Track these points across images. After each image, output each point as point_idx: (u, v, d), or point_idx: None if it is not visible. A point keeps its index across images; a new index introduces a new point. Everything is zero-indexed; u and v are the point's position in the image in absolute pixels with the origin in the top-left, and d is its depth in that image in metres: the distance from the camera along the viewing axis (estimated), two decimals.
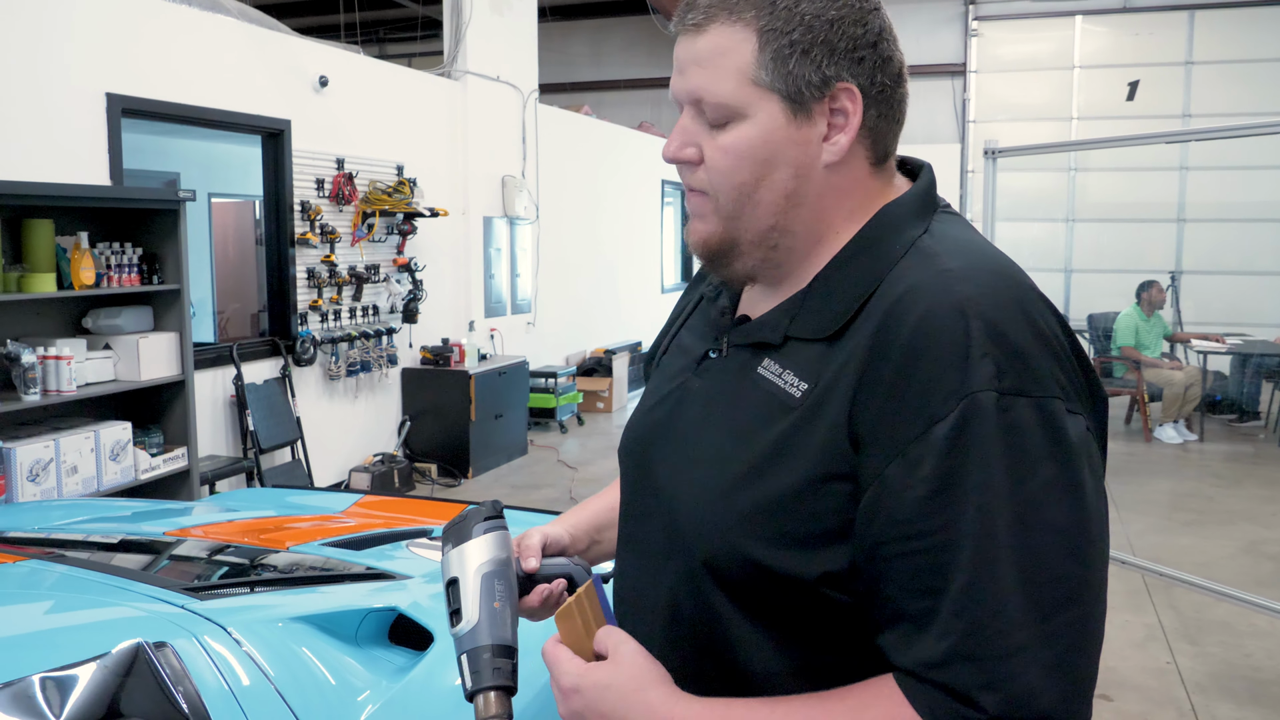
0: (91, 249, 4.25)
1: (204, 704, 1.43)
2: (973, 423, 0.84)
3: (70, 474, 4.06)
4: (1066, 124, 12.66)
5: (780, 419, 0.95)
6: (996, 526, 0.83)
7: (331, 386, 6.44)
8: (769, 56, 0.94)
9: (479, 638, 1.04)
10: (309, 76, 6.11)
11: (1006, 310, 0.88)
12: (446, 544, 1.11)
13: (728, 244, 1.01)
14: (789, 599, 0.94)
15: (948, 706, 0.84)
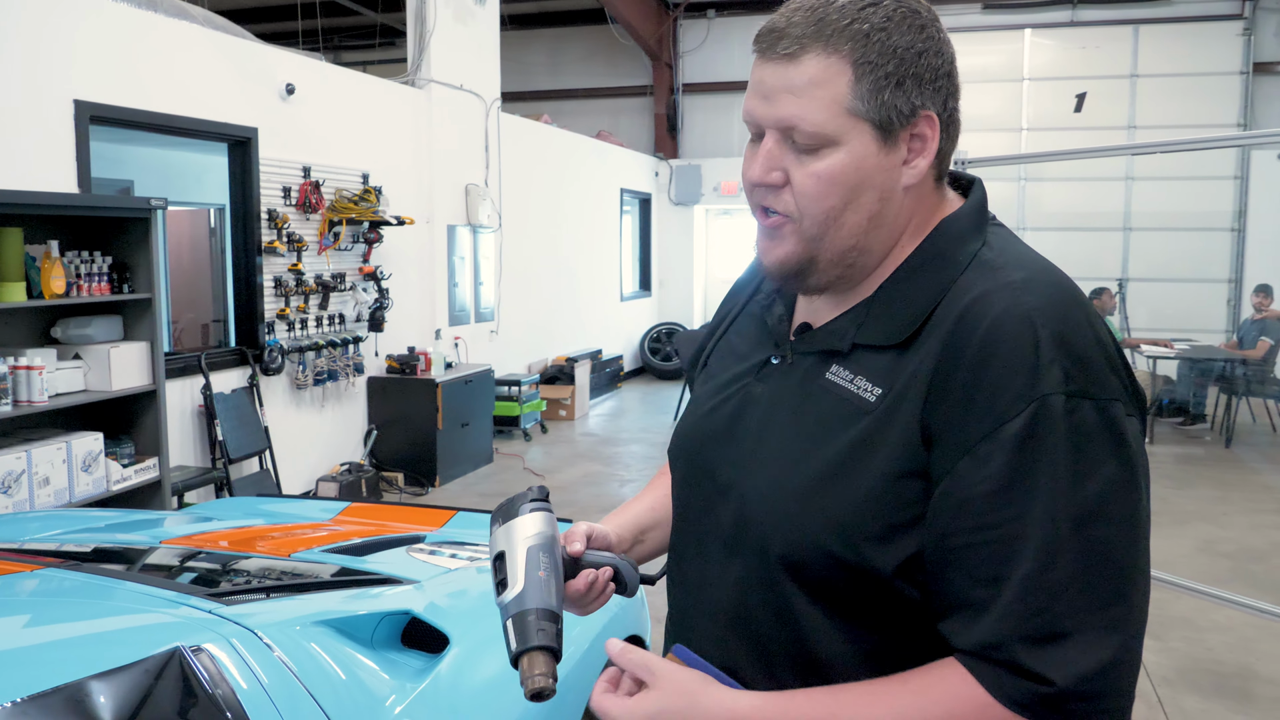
0: (61, 258, 4.21)
1: (241, 704, 1.45)
2: (1042, 423, 0.90)
3: (42, 485, 4.01)
4: (1016, 134, 12.92)
5: (855, 422, 0.99)
6: (1060, 520, 0.89)
7: (299, 396, 6.40)
8: (866, 88, 0.98)
9: (525, 602, 1.07)
10: (276, 84, 6.08)
11: (1069, 320, 0.95)
12: (495, 522, 1.15)
13: (806, 263, 1.04)
14: (862, 592, 0.98)
15: (1014, 682, 0.90)
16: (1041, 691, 0.89)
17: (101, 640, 1.50)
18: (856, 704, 0.95)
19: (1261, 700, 3.83)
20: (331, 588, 2.00)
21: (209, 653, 1.48)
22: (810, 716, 0.96)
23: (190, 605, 1.64)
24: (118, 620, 1.59)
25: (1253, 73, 12.12)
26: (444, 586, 2.14)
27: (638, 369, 12.89)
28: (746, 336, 1.19)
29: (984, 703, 0.91)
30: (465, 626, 1.97)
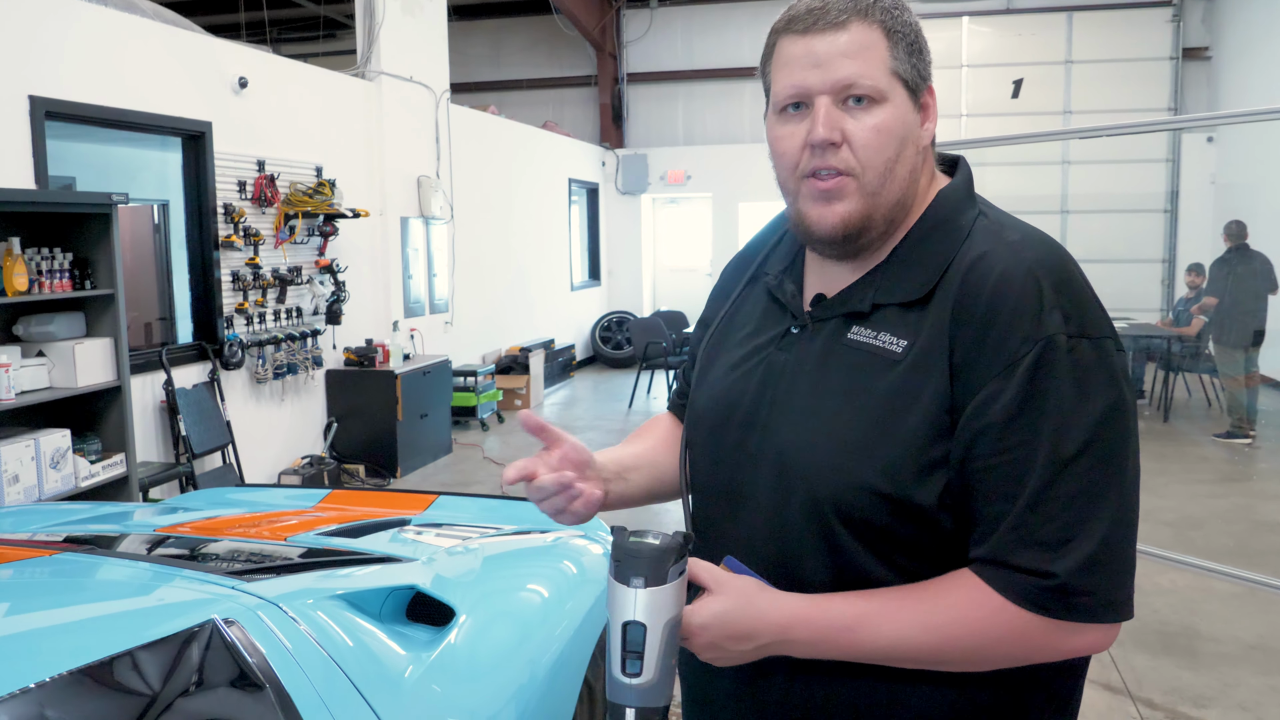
0: (22, 254, 4.18)
1: (275, 672, 1.52)
2: (1048, 360, 1.04)
3: (12, 483, 4.00)
4: (956, 121, 13.17)
5: (887, 372, 1.11)
6: (1066, 443, 1.03)
7: (259, 390, 6.40)
8: (901, 52, 1.13)
9: (654, 697, 1.05)
10: (228, 78, 6.05)
11: (1063, 272, 1.09)
12: (633, 575, 1.05)
13: (865, 219, 1.14)
14: (906, 527, 1.10)
15: (1022, 581, 1.03)
16: (1045, 585, 1.02)
17: (141, 615, 1.56)
18: (886, 606, 1.08)
19: (1206, 656, 4.03)
20: (336, 566, 2.07)
21: (240, 625, 1.54)
22: (846, 614, 1.08)
23: (214, 583, 1.70)
24: (151, 598, 1.65)
25: (1182, 58, 12.51)
26: (444, 563, 2.22)
27: (589, 358, 12.97)
28: (753, 315, 1.30)
29: (998, 605, 1.04)
30: (469, 600, 2.05)
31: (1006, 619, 1.04)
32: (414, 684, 1.76)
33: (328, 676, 1.60)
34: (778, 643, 1.10)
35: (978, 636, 1.06)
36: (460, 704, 1.76)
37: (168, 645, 1.41)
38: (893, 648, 1.08)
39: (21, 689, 1.25)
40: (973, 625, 1.05)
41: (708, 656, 1.11)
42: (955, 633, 1.06)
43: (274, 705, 1.49)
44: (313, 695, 1.54)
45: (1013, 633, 1.05)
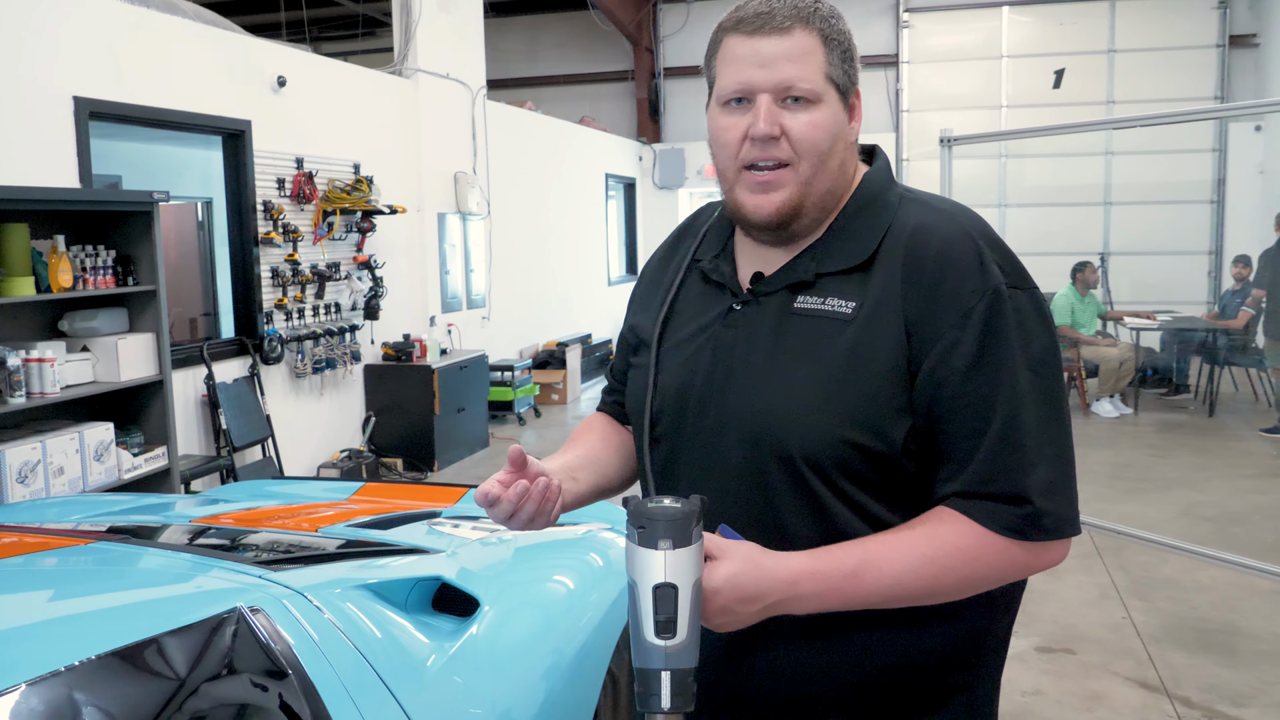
0: (66, 252, 4.27)
1: (298, 659, 1.55)
2: (996, 308, 1.18)
3: (57, 475, 4.09)
4: (996, 112, 13.05)
5: (841, 332, 1.21)
6: (1019, 382, 1.17)
7: (298, 384, 6.48)
8: (835, 59, 1.25)
9: (687, 659, 1.07)
10: (267, 77, 6.13)
11: (991, 233, 1.25)
12: (660, 538, 1.07)
13: (799, 205, 1.25)
14: (875, 471, 1.20)
15: (1000, 509, 1.16)
16: (1022, 512, 1.15)
17: (168, 603, 1.60)
18: (883, 549, 1.17)
19: (1245, 654, 3.97)
20: (364, 556, 2.10)
21: (265, 613, 1.58)
22: (847, 561, 1.16)
23: (241, 571, 1.74)
24: (179, 587, 1.69)
25: (1229, 45, 12.28)
26: (470, 555, 2.25)
27: None
28: (691, 302, 1.38)
29: (981, 534, 1.16)
30: (494, 591, 2.08)
31: (990, 545, 1.16)
32: (436, 674, 1.79)
33: (352, 665, 1.63)
34: (786, 600, 1.15)
35: (969, 565, 1.16)
36: (482, 694, 1.79)
37: (193, 632, 1.44)
38: (896, 585, 1.16)
39: (52, 671, 1.29)
40: (964, 555, 1.16)
41: (718, 622, 1.15)
42: (950, 563, 1.16)
43: (298, 692, 1.52)
44: (336, 683, 1.58)
45: (997, 557, 1.17)
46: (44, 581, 1.75)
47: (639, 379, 1.39)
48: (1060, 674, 3.85)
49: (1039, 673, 3.86)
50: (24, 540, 2.00)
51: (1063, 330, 9.12)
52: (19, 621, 1.52)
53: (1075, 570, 4.98)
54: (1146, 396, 9.43)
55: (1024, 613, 4.43)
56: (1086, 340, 9.08)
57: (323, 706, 1.53)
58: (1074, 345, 9.03)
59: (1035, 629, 4.27)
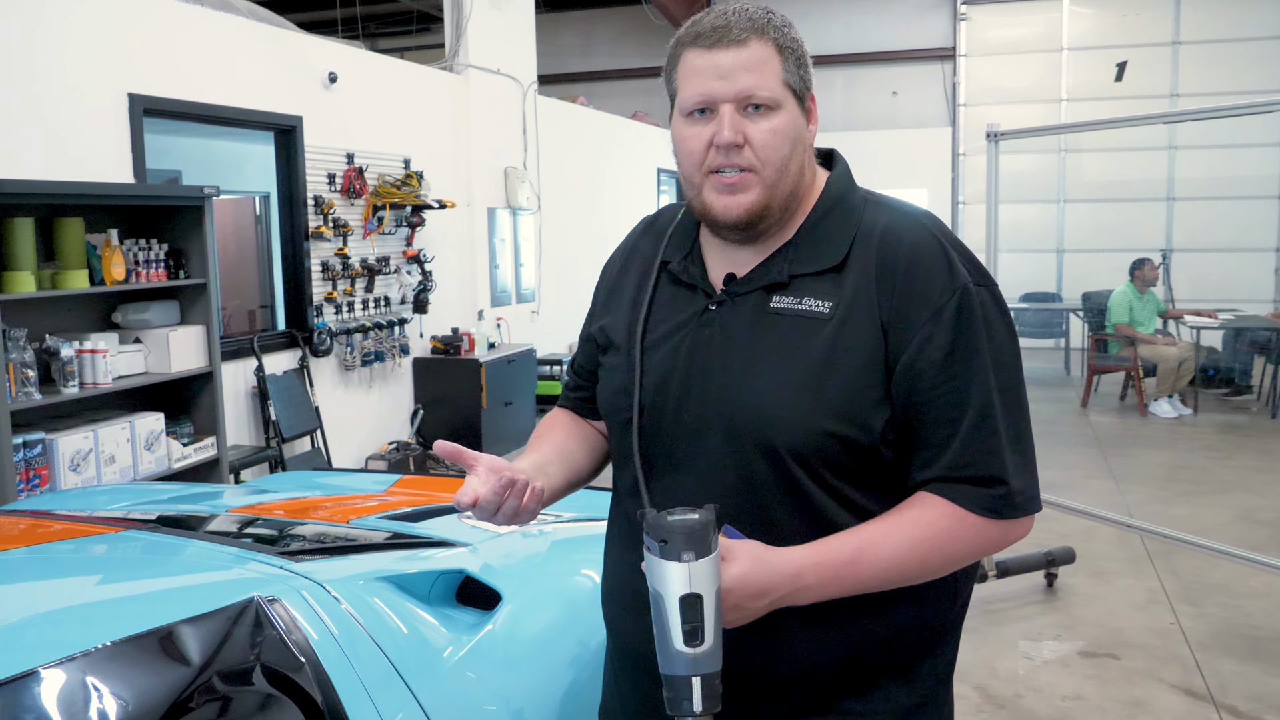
0: (120, 245, 4.37)
1: (314, 650, 1.57)
2: (966, 305, 1.27)
3: (108, 464, 4.19)
4: (1055, 106, 12.82)
5: (818, 330, 1.28)
6: (988, 373, 1.27)
7: (347, 376, 6.57)
8: (790, 66, 1.31)
9: (713, 663, 1.13)
10: (319, 73, 6.22)
11: (952, 234, 1.34)
12: (683, 551, 1.12)
13: (764, 208, 1.31)
14: (855, 461, 1.28)
15: (979, 492, 1.26)
16: (999, 493, 1.26)
17: (185, 591, 1.63)
18: (874, 535, 1.26)
19: None
20: (389, 549, 2.13)
21: (283, 603, 1.60)
22: (845, 550, 1.24)
23: (261, 561, 1.76)
24: (197, 575, 1.72)
25: None
26: (495, 549, 2.26)
27: None
28: (662, 302, 1.43)
29: (962, 515, 1.26)
30: (516, 585, 2.09)
31: (971, 525, 1.26)
32: (451, 668, 1.80)
33: (368, 657, 1.65)
34: (792, 592, 1.22)
35: (954, 543, 1.27)
36: (496, 689, 1.80)
37: (207, 620, 1.47)
38: (891, 568, 1.25)
39: (67, 656, 1.32)
40: (948, 535, 1.26)
41: (731, 619, 1.20)
42: (937, 543, 1.26)
43: (312, 683, 1.54)
44: (351, 675, 1.60)
45: (977, 535, 1.27)
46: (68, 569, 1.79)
47: (615, 379, 1.43)
48: (1103, 679, 3.78)
49: (1081, 678, 3.80)
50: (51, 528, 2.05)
51: (1120, 328, 8.95)
52: (37, 608, 1.56)
53: (1124, 574, 4.89)
54: (1206, 397, 9.21)
55: (1068, 616, 4.38)
56: (1145, 339, 8.89)
57: (336, 698, 1.55)
58: (1131, 344, 8.84)
59: (1080, 633, 4.20)
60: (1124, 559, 5.10)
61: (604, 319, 1.52)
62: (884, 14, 13.57)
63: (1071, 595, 4.63)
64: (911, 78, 13.64)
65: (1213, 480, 6.67)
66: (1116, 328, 8.99)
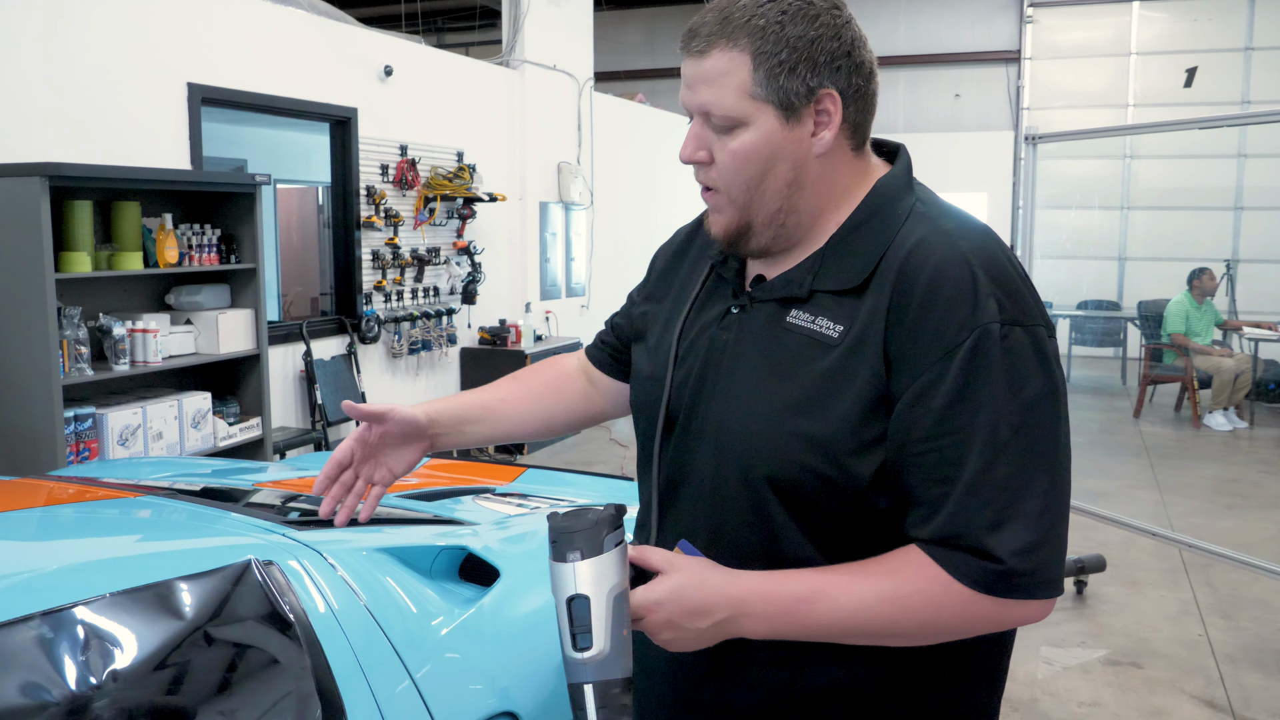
0: (174, 230, 4.53)
1: (306, 614, 1.65)
2: (983, 347, 1.07)
3: (156, 440, 4.35)
4: (1122, 111, 12.60)
5: (822, 356, 1.15)
6: (1001, 429, 1.07)
7: (394, 364, 6.72)
8: (763, 75, 1.13)
9: (609, 669, 1.05)
10: (374, 66, 6.36)
11: (996, 261, 1.13)
12: (569, 550, 1.06)
13: (744, 227, 1.21)
14: (837, 502, 1.14)
15: (970, 563, 1.08)
16: (992, 569, 1.07)
17: (185, 553, 1.72)
18: (841, 580, 1.12)
19: None
20: (397, 524, 2.21)
21: (278, 566, 1.69)
22: (802, 587, 1.12)
23: (265, 529, 1.86)
24: (200, 540, 1.82)
25: None
26: (501, 529, 2.33)
27: None
28: (704, 294, 1.34)
29: (946, 582, 1.09)
30: (516, 565, 2.15)
31: (955, 595, 1.09)
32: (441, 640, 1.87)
33: (359, 622, 1.73)
34: (734, 617, 1.12)
35: (931, 610, 1.10)
36: (484, 664, 1.86)
37: (201, 579, 1.56)
38: (850, 618, 1.11)
39: (66, 604, 1.41)
40: (925, 599, 1.09)
41: (665, 638, 1.13)
42: (911, 605, 1.10)
43: (301, 645, 1.62)
44: (341, 639, 1.67)
45: (962, 608, 1.09)
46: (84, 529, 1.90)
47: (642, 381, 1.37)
48: (1123, 687, 3.75)
49: (1101, 685, 3.78)
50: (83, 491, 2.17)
51: (1175, 338, 8.79)
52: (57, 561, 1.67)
53: (1158, 584, 4.83)
54: (1263, 410, 9.02)
55: (1095, 624, 4.35)
56: (1201, 349, 8.72)
57: (324, 659, 1.63)
58: (1187, 354, 8.68)
59: (1104, 640, 4.17)
60: (1160, 570, 5.03)
61: (649, 305, 1.43)
62: (949, 15, 13.45)
63: (1101, 603, 4.59)
64: (975, 80, 13.50)
65: (1262, 495, 6.54)
66: (1172, 337, 8.84)
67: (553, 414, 1.55)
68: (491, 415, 1.50)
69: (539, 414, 1.54)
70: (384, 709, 1.67)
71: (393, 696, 1.69)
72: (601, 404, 1.56)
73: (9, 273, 3.89)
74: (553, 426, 1.56)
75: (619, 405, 1.54)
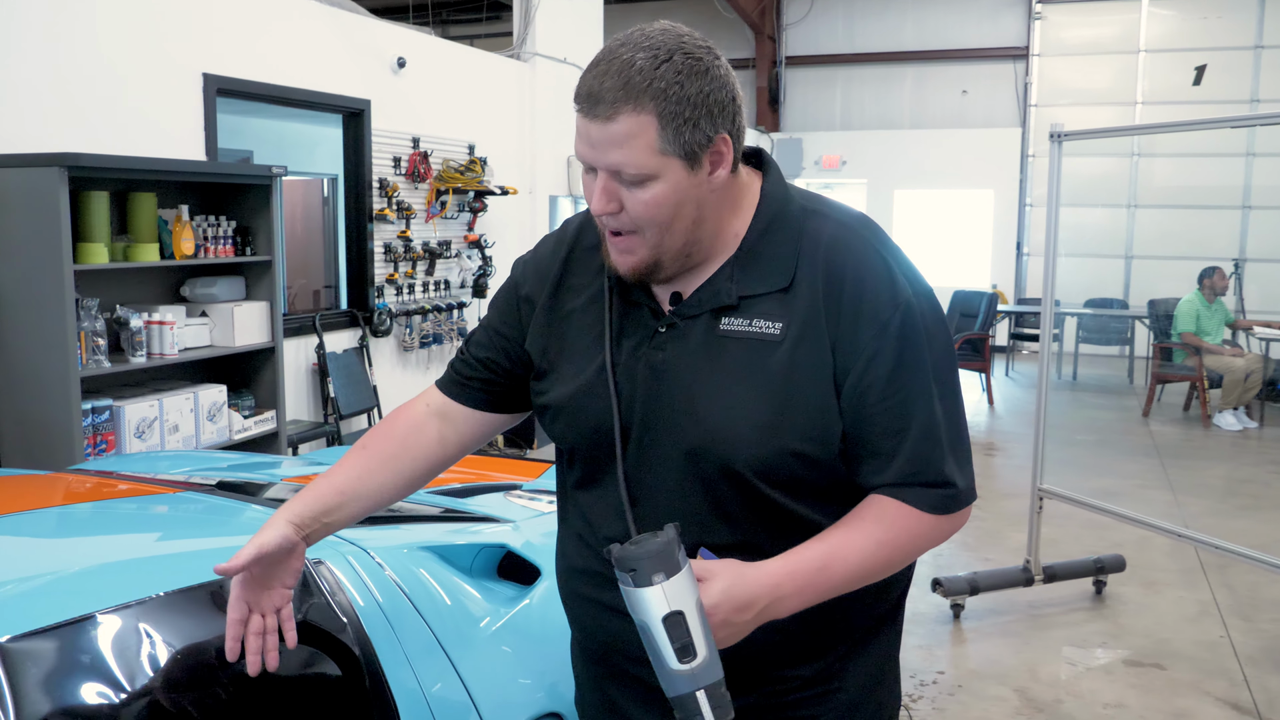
0: (190, 221, 4.50)
1: (356, 612, 1.63)
2: (908, 319, 1.30)
3: (172, 432, 4.32)
4: (1130, 109, 12.57)
5: (771, 353, 1.30)
6: (930, 382, 1.32)
7: (405, 357, 6.69)
8: (670, 133, 1.22)
9: (713, 673, 1.16)
10: (387, 58, 6.33)
11: (889, 242, 1.36)
12: (653, 574, 1.15)
13: (654, 263, 1.31)
14: (813, 475, 1.32)
15: (929, 493, 1.32)
16: (948, 494, 1.33)
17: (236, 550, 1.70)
18: (841, 541, 1.30)
19: None
20: (436, 521, 2.19)
21: (328, 566, 1.66)
22: (815, 557, 1.28)
23: None
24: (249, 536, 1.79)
25: None
26: (538, 526, 2.31)
27: None
28: (586, 319, 1.42)
29: (918, 516, 1.32)
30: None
31: (925, 523, 1.32)
32: (489, 638, 1.85)
33: (408, 622, 1.70)
34: (772, 603, 1.25)
35: (912, 541, 1.33)
36: (530, 663, 1.84)
37: None
38: (859, 570, 1.30)
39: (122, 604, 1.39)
40: (908, 534, 1.32)
41: (721, 635, 1.22)
42: (899, 543, 1.32)
43: (353, 643, 1.60)
44: (391, 638, 1.65)
45: (931, 531, 1.34)
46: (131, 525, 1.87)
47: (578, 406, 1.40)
48: (1147, 689, 3.74)
49: (1124, 686, 3.76)
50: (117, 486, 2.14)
51: (1186, 337, 8.77)
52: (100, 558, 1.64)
53: (1176, 585, 4.82)
54: (1273, 410, 9.00)
55: (1115, 624, 4.33)
56: (1211, 349, 8.70)
57: (376, 659, 1.61)
58: (1197, 353, 8.67)
59: (1126, 642, 4.16)
60: (1177, 570, 5.02)
61: (542, 340, 1.46)
62: (956, 11, 13.41)
63: (1120, 604, 4.58)
64: (982, 77, 13.47)
65: (1275, 495, 6.53)
66: (1182, 336, 8.82)
67: (413, 472, 1.54)
68: (350, 498, 1.47)
69: (397, 479, 1.52)
70: (434, 708, 1.65)
71: (442, 695, 1.68)
72: (458, 442, 1.57)
73: (27, 264, 3.86)
74: (414, 484, 1.55)
75: (477, 438, 1.58)
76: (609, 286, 1.40)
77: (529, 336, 1.49)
